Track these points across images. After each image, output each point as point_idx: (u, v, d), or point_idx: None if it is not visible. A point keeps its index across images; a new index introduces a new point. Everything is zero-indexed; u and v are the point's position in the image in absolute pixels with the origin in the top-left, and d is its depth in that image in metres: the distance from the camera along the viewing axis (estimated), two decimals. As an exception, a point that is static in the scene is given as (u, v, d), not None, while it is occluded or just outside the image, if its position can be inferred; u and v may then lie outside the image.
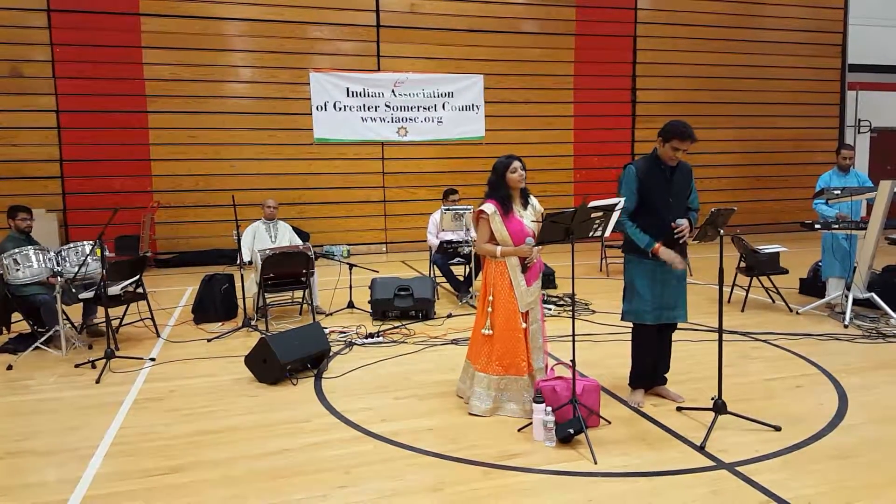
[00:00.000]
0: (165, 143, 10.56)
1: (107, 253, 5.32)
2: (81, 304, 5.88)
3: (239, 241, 6.39)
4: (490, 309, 3.84)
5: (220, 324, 6.35)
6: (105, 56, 10.13)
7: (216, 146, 10.79)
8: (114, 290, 5.64)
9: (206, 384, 4.63)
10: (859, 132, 13.95)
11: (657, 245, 3.78)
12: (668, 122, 3.88)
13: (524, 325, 3.84)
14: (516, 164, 3.84)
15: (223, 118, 10.79)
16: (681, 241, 3.85)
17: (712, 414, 3.61)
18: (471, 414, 3.87)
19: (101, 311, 5.82)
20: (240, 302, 6.56)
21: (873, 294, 6.00)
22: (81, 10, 9.98)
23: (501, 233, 3.81)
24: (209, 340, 5.78)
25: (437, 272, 7.38)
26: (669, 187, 3.86)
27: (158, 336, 5.94)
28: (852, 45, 13.58)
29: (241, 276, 6.27)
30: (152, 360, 5.21)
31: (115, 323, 5.71)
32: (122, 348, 5.51)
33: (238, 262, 6.28)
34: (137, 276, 5.91)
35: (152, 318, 6.03)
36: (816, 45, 13.43)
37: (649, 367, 4.07)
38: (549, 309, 6.50)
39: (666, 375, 4.20)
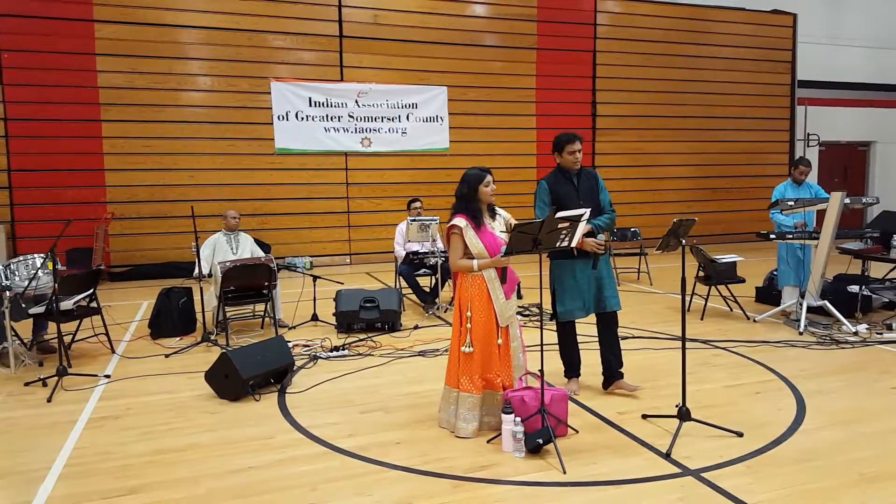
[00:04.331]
0: (120, 152, 10.27)
1: (58, 266, 5.13)
2: (31, 319, 5.64)
3: (198, 253, 6.24)
4: (469, 325, 3.70)
5: (179, 338, 6.18)
6: (56, 63, 9.82)
7: (173, 156, 10.54)
8: (66, 304, 5.43)
9: (165, 401, 4.48)
10: (808, 146, 14.50)
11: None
12: (554, 137, 4.32)
13: (500, 340, 3.76)
14: (489, 177, 3.77)
15: (180, 127, 10.57)
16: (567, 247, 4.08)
17: (677, 421, 3.67)
18: (458, 437, 3.71)
19: (52, 326, 5.60)
20: (199, 316, 6.40)
21: (826, 302, 6.20)
22: (31, 16, 9.67)
23: (477, 246, 3.71)
24: (167, 356, 5.61)
25: (404, 283, 7.34)
26: (577, 192, 4.28)
27: (113, 352, 5.74)
28: (801, 62, 14.14)
29: (200, 289, 6.11)
30: (107, 376, 5.03)
31: (67, 339, 5.49)
32: (75, 365, 5.29)
33: (196, 274, 6.13)
34: (91, 290, 5.71)
35: (107, 334, 5.82)
36: (767, 62, 13.94)
37: (576, 357, 4.49)
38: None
39: (622, 371, 4.42)
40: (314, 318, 6.71)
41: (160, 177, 10.49)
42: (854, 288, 6.55)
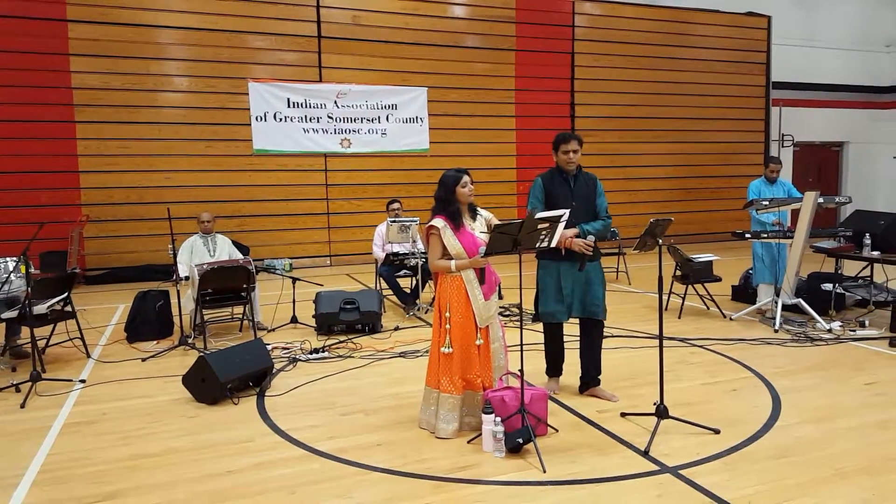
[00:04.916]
0: (95, 154, 10.10)
1: (32, 269, 5.04)
2: (3, 323, 5.53)
3: (174, 255, 6.16)
4: (448, 326, 3.71)
5: (155, 342, 6.09)
6: (28, 63, 9.63)
7: (150, 157, 10.40)
8: (39, 308, 5.33)
9: (142, 405, 4.42)
10: (783, 146, 14.73)
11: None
12: (554, 136, 4.28)
13: (479, 341, 3.76)
14: (466, 178, 3.78)
15: (157, 128, 10.43)
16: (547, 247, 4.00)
17: (655, 419, 3.70)
18: (438, 437, 3.72)
19: (25, 331, 5.50)
20: (176, 319, 6.32)
21: (801, 300, 6.31)
22: (2, 15, 9.47)
23: (455, 247, 3.72)
24: (144, 360, 5.54)
25: (384, 284, 7.32)
26: (571, 193, 4.24)
27: (89, 356, 5.64)
28: (775, 64, 14.36)
29: (178, 291, 6.04)
30: (82, 381, 4.94)
31: (41, 343, 5.37)
32: (50, 370, 5.21)
33: (174, 277, 6.05)
34: (65, 294, 5.61)
35: (82, 338, 5.73)
36: (742, 64, 14.13)
37: (559, 357, 4.48)
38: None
39: (599, 377, 4.39)
40: (293, 320, 6.66)
41: (136, 179, 10.34)
42: (828, 286, 6.66)
